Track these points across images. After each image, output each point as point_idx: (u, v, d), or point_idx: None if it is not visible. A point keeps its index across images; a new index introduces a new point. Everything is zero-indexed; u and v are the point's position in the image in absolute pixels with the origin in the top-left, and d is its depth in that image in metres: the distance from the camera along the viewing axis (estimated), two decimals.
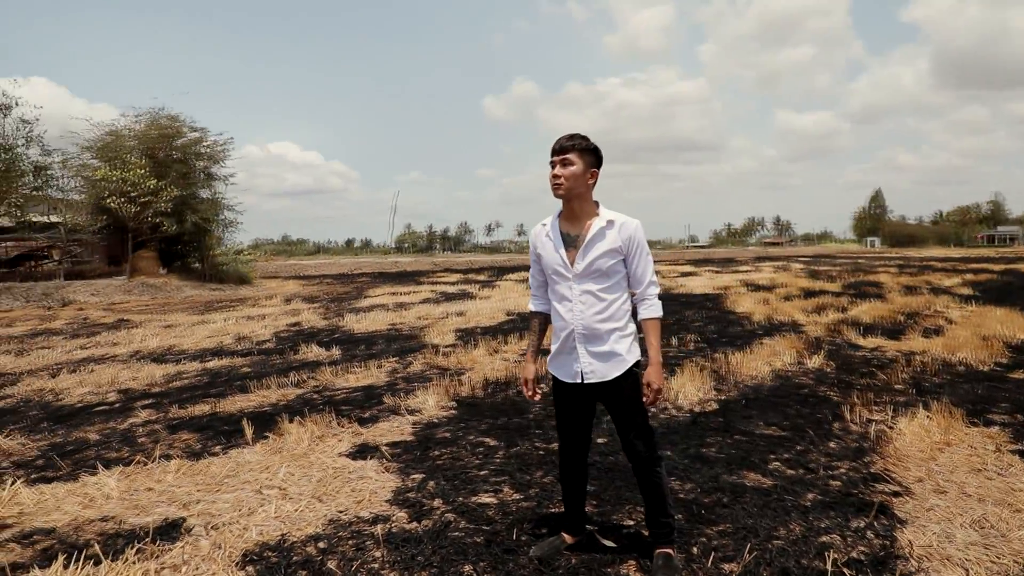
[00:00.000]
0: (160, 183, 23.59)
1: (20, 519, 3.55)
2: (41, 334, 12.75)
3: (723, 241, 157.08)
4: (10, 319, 15.90)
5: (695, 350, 8.74)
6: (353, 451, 4.60)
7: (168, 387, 7.26)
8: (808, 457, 4.28)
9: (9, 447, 4.94)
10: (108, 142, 24.80)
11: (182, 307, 19.14)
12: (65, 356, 9.67)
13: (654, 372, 2.71)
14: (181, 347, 10.46)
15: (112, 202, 22.54)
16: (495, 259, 75.70)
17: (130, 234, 24.17)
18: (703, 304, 15.18)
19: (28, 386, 7.41)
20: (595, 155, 2.75)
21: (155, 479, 4.12)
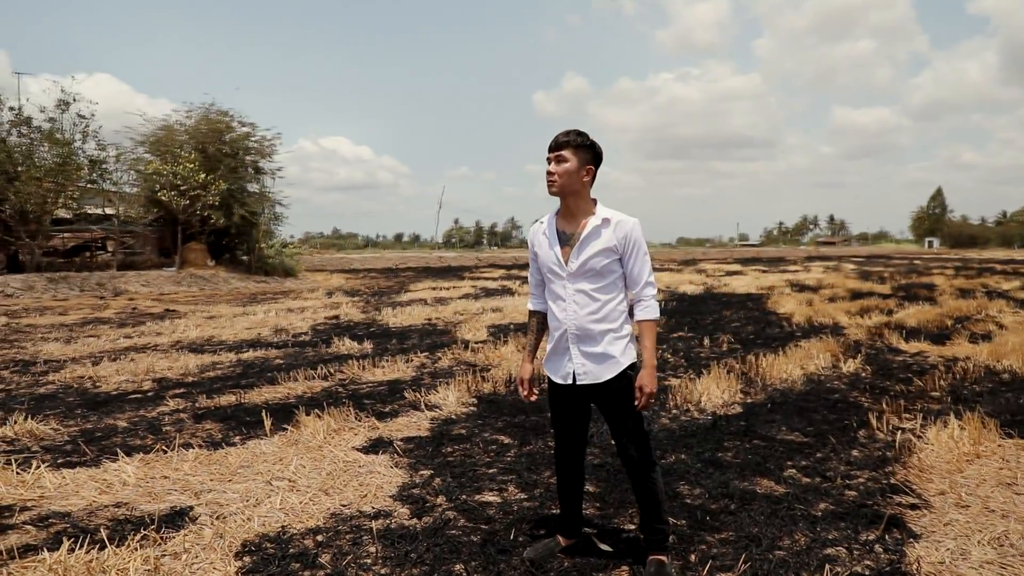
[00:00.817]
0: (209, 177, 24.19)
1: (40, 502, 3.68)
2: (91, 323, 13.18)
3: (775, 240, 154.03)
4: (65, 307, 16.49)
5: (728, 351, 8.57)
6: (367, 445, 4.64)
7: (201, 377, 7.43)
8: (827, 465, 4.16)
9: (42, 432, 5.11)
10: (161, 137, 25.54)
11: (227, 299, 19.59)
12: (109, 345, 9.98)
13: (647, 376, 2.65)
14: (220, 338, 10.70)
15: (163, 195, 23.22)
16: None
17: (180, 227, 24.85)
18: (744, 304, 14.90)
19: (71, 373, 7.66)
20: (591, 152, 2.69)
21: (172, 467, 4.21)
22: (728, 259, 54.46)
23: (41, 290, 19.21)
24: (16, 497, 3.75)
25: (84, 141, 22.40)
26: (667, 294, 17.98)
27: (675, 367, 7.54)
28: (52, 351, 9.38)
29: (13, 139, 21.30)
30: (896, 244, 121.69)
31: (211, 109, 26.72)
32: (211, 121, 26.37)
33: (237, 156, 26.80)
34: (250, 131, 27.54)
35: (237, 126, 27.18)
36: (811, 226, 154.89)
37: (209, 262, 26.43)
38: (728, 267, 36.77)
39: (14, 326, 12.71)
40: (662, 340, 9.57)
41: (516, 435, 4.91)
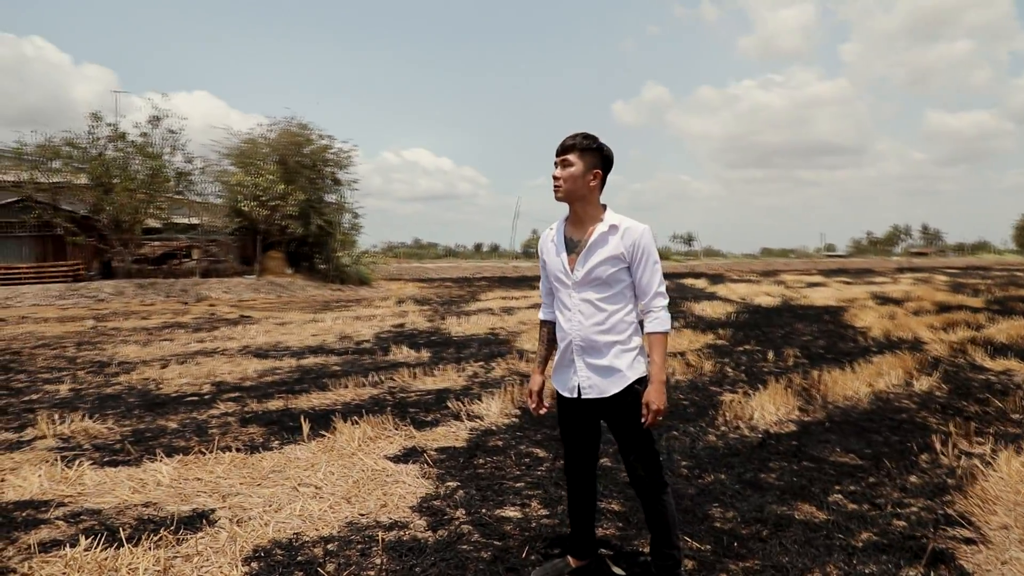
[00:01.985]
0: (288, 188, 25.02)
1: (76, 499, 3.79)
2: (171, 327, 13.76)
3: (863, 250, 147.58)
4: (149, 312, 17.32)
5: (793, 366, 8.18)
6: (399, 454, 4.61)
7: (259, 381, 7.60)
8: (878, 491, 3.85)
9: (96, 431, 5.31)
10: (245, 149, 26.61)
11: (301, 306, 20.16)
12: (181, 348, 10.38)
13: (654, 391, 2.49)
14: (286, 344, 10.96)
15: (244, 205, 24.16)
16: None
17: (260, 236, 25.79)
18: (819, 317, 14.26)
19: (139, 375, 7.98)
20: (598, 155, 2.56)
21: (207, 470, 4.29)
22: (811, 270, 52.50)
23: (131, 295, 20.25)
24: (56, 493, 3.88)
25: (172, 154, 23.60)
26: (740, 306, 17.42)
27: (733, 381, 7.23)
28: (128, 353, 9.81)
29: (110, 153, 22.64)
30: (997, 255, 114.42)
31: (291, 123, 27.72)
32: (291, 134, 27.31)
33: (315, 167, 27.65)
34: (328, 143, 28.40)
35: (316, 138, 28.07)
36: (903, 236, 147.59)
37: (287, 270, 27.30)
38: (810, 278, 35.41)
39: (101, 329, 13.41)
40: (725, 353, 9.23)
41: (552, 448, 4.79)
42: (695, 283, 31.22)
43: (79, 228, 22.14)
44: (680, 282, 32.90)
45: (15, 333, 12.57)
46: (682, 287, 28.09)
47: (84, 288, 20.20)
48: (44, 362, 9.13)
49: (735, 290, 24.37)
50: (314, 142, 28.06)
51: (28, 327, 13.64)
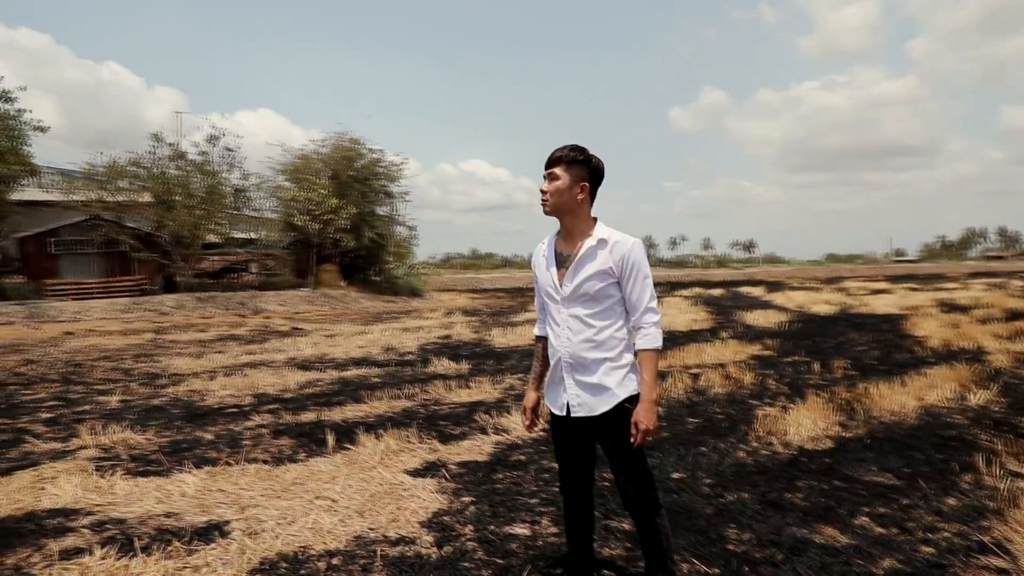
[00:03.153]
0: (340, 202, 25.57)
1: (104, 507, 3.92)
2: (225, 339, 14.18)
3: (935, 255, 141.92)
4: (207, 325, 17.89)
5: (841, 378, 7.89)
6: (419, 468, 4.62)
7: (298, 393, 7.74)
8: (910, 514, 3.67)
9: (136, 441, 5.50)
10: (299, 165, 27.32)
11: (352, 317, 20.52)
12: (231, 360, 10.67)
13: (643, 411, 2.43)
14: (331, 356, 11.16)
15: (298, 220, 24.77)
16: (672, 274, 74.00)
17: (315, 249, 26.40)
18: (877, 326, 13.75)
19: (186, 386, 8.24)
20: (586, 167, 2.52)
21: (232, 481, 4.38)
22: (877, 276, 50.83)
23: (191, 308, 20.96)
24: (88, 502, 4.02)
25: (230, 171, 24.42)
26: (795, 314, 16.96)
27: (774, 395, 7.02)
28: (180, 365, 10.14)
29: (171, 172, 23.57)
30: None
31: (343, 137, 28.34)
32: (343, 149, 27.92)
33: (366, 181, 28.17)
34: (378, 157, 28.93)
35: (367, 153, 28.62)
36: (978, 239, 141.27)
37: (341, 282, 27.84)
38: (875, 285, 34.27)
39: (159, 341, 13.93)
40: (771, 364, 8.98)
41: None
42: (751, 291, 30.55)
43: (143, 244, 23.09)
44: (736, 290, 32.26)
45: (80, 346, 13.15)
46: (737, 295, 27.53)
47: (148, 302, 21.02)
48: (102, 374, 9.51)
49: (792, 298, 23.75)
50: (365, 156, 28.62)
51: (93, 340, 14.25)
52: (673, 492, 4.04)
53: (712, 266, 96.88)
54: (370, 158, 28.85)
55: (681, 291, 32.62)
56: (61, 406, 7.14)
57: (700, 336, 12.37)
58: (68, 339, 14.44)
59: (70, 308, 19.55)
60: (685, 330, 13.94)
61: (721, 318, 16.73)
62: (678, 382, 7.45)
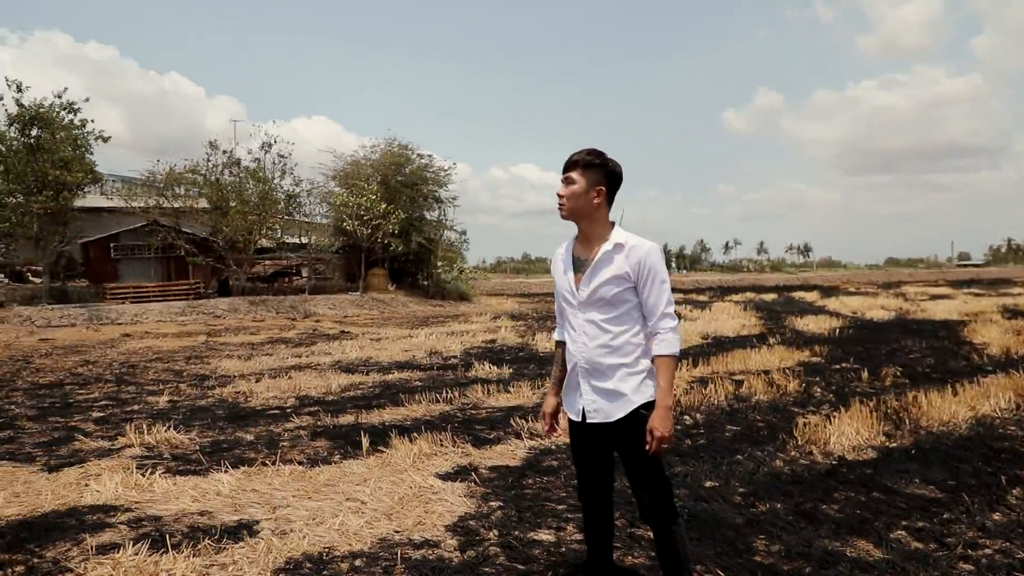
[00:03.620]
0: (389, 207, 25.93)
1: (141, 505, 4.04)
2: (274, 342, 14.48)
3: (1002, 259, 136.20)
4: (258, 328, 18.31)
5: (890, 386, 7.64)
6: (450, 472, 4.63)
7: (340, 396, 7.85)
8: (951, 528, 3.52)
9: (178, 440, 5.65)
10: (349, 171, 27.82)
11: (400, 321, 20.74)
12: (278, 363, 10.89)
13: (658, 417, 2.38)
14: (376, 359, 11.29)
15: (348, 225, 25.21)
16: (725, 278, 72.83)
17: (364, 253, 26.82)
18: (934, 332, 13.27)
19: (232, 388, 8.43)
20: (602, 171, 2.50)
21: (266, 481, 4.46)
22: (938, 281, 49.08)
23: (243, 311, 21.50)
24: (127, 499, 4.15)
25: (282, 178, 25.03)
26: (848, 320, 16.49)
27: (819, 402, 6.83)
28: (228, 367, 10.40)
29: (226, 178, 24.28)
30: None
31: (392, 143, 28.75)
32: (392, 154, 28.34)
33: (415, 186, 28.51)
34: (427, 162, 29.26)
35: (416, 158, 28.98)
36: None
37: (390, 286, 28.21)
38: (935, 290, 33.12)
39: (211, 343, 14.31)
40: (818, 371, 8.75)
41: None
42: (805, 296, 29.83)
43: (198, 249, 23.83)
44: (789, 295, 31.55)
45: (136, 348, 13.61)
46: (789, 300, 26.93)
47: (202, 305, 21.64)
48: (154, 375, 9.82)
49: (847, 303, 23.11)
50: (414, 161, 28.98)
51: (148, 342, 14.73)
52: (703, 500, 3.96)
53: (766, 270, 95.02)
54: (419, 163, 29.23)
55: (732, 296, 32.05)
56: (112, 405, 7.39)
57: (747, 342, 12.13)
58: (125, 341, 14.96)
59: (129, 311, 20.26)
60: (733, 335, 13.69)
61: (771, 323, 16.38)
62: (719, 388, 7.31)
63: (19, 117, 20.87)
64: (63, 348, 13.71)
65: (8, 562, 3.27)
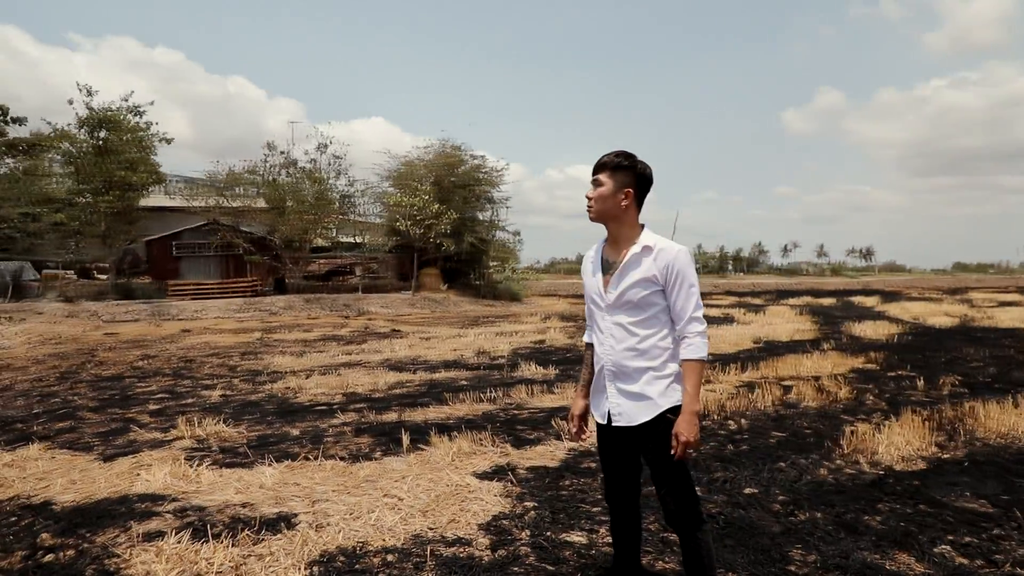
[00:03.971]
0: (442, 207, 26.20)
1: (187, 495, 4.18)
2: (327, 339, 14.77)
3: None
4: (312, 325, 18.70)
5: (947, 395, 7.36)
6: (488, 471, 4.66)
7: (387, 394, 7.96)
8: (999, 545, 3.38)
9: (227, 434, 5.82)
10: (403, 171, 28.21)
11: (451, 321, 20.90)
12: (329, 360, 11.11)
13: (684, 422, 2.36)
14: (425, 358, 11.41)
15: (401, 224, 25.57)
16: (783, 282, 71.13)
17: (416, 253, 27.14)
18: (998, 341, 12.73)
19: (283, 384, 8.64)
20: (631, 174, 2.48)
21: (308, 475, 4.57)
22: (1009, 287, 47.07)
23: (299, 309, 21.99)
24: (175, 489, 4.30)
25: (337, 178, 25.55)
26: (908, 326, 15.96)
27: (871, 411, 6.62)
28: (281, 363, 10.65)
29: (282, 179, 24.90)
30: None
31: (446, 144, 29.05)
32: (445, 155, 28.63)
33: (468, 187, 28.74)
34: (480, 163, 29.47)
35: (468, 159, 29.22)
36: None
37: (442, 286, 28.48)
38: (1004, 296, 31.79)
39: (266, 340, 14.67)
40: (872, 378, 8.49)
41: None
42: (864, 301, 28.98)
43: (256, 248, 24.51)
44: (848, 299, 30.70)
45: (195, 343, 14.06)
46: (848, 305, 26.20)
47: (260, 302, 22.23)
48: (209, 370, 10.13)
49: (909, 309, 22.37)
50: (467, 162, 29.22)
51: (207, 337, 15.20)
52: (740, 507, 3.89)
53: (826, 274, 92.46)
54: (472, 164, 29.47)
55: (788, 300, 31.38)
56: (168, 398, 7.66)
57: (800, 347, 11.84)
58: (184, 336, 15.48)
59: (190, 307, 20.96)
60: (786, 340, 13.39)
61: (827, 329, 15.95)
62: (767, 394, 7.16)
63: (88, 120, 21.83)
64: (126, 342, 14.26)
65: (60, 546, 3.43)
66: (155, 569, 3.10)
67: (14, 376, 9.59)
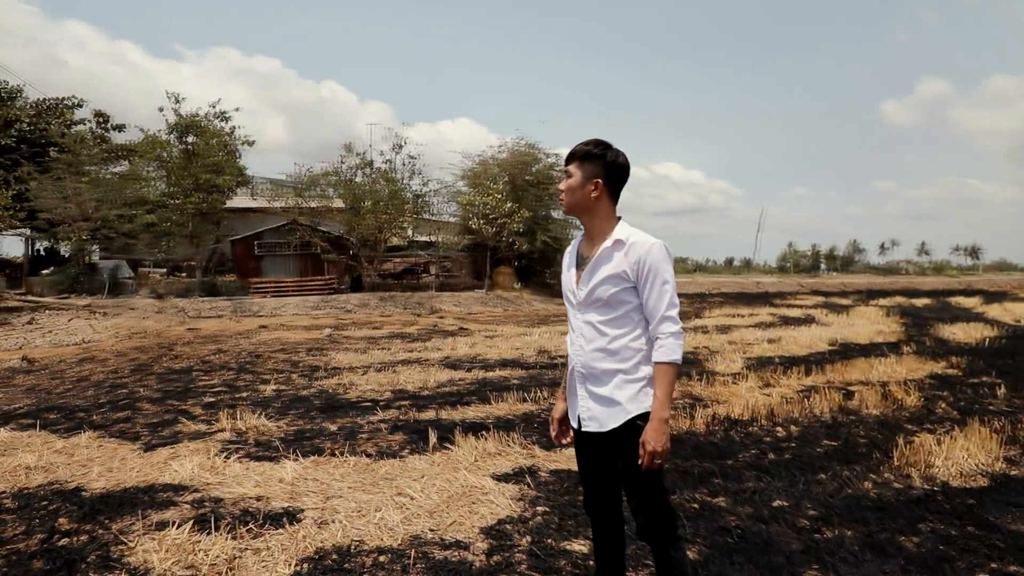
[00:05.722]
0: (515, 206, 26.22)
1: (209, 487, 4.27)
2: (394, 337, 14.98)
3: None
4: (384, 322, 19.05)
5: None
6: (509, 473, 4.56)
7: (435, 392, 7.97)
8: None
9: (266, 428, 5.94)
10: (477, 171, 28.41)
11: (520, 319, 20.87)
12: (389, 357, 11.24)
13: (651, 430, 2.19)
14: (484, 356, 11.39)
15: (474, 223, 25.74)
16: (877, 281, 67.74)
17: (490, 252, 27.26)
18: None
19: (338, 379, 8.78)
20: (600, 162, 2.32)
21: (328, 472, 4.59)
22: None
23: (373, 307, 22.46)
24: (199, 480, 4.40)
25: (411, 178, 25.97)
26: (1006, 329, 14.85)
27: (939, 419, 6.15)
28: (342, 360, 10.85)
29: (359, 179, 25.52)
30: None
31: (520, 143, 29.06)
32: (519, 154, 28.63)
33: (542, 185, 28.65)
34: (554, 161, 29.31)
35: (542, 157, 29.11)
36: None
37: (516, 285, 28.51)
38: None
39: (335, 337, 15.02)
40: (949, 384, 7.90)
41: (674, 480, 4.41)
42: (963, 302, 27.21)
43: (333, 247, 25.23)
44: (945, 300, 28.92)
45: (267, 339, 14.54)
46: (944, 306, 24.67)
47: (335, 300, 22.84)
48: (273, 365, 10.43)
49: (1011, 310, 20.84)
50: (541, 160, 29.14)
51: (279, 333, 15.70)
52: (762, 521, 3.65)
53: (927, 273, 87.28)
54: (545, 162, 29.37)
55: (879, 300, 29.83)
56: (225, 392, 7.91)
57: (877, 350, 11.19)
58: (259, 332, 16.04)
59: (270, 304, 21.75)
60: (864, 343, 12.68)
61: (913, 330, 15.03)
62: (824, 399, 6.76)
63: (177, 126, 23.02)
64: (204, 337, 14.90)
65: (76, 531, 3.55)
66: (152, 558, 3.16)
67: (94, 368, 10.15)
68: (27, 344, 12.61)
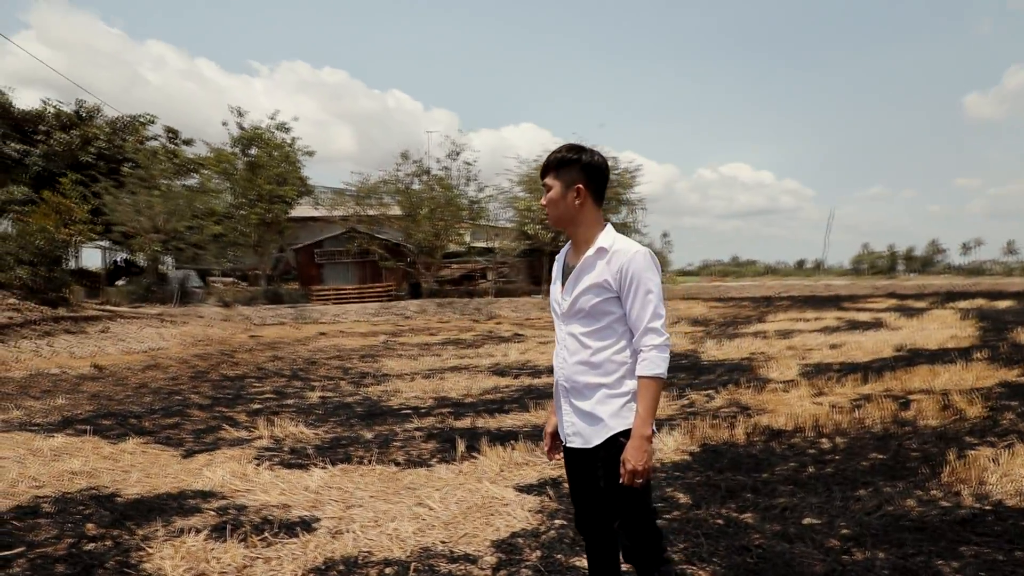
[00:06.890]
0: None
1: (237, 494, 4.35)
2: (448, 343, 15.09)
3: None
4: (440, 328, 19.21)
5: None
6: (532, 484, 4.49)
7: (477, 399, 7.96)
8: None
9: (304, 435, 6.03)
10: (533, 175, 28.38)
11: None
12: (439, 363, 11.31)
13: (632, 447, 2.09)
14: (534, 363, 11.33)
15: (530, 228, 25.74)
16: (957, 282, 64.57)
17: (547, 256, 27.21)
18: None
19: (384, 387, 8.89)
20: (576, 167, 2.24)
21: (354, 480, 4.62)
22: None
23: (431, 313, 22.68)
24: (229, 487, 4.49)
25: (467, 184, 26.18)
26: None
27: (1004, 432, 5.76)
28: (392, 366, 10.98)
29: (415, 186, 25.88)
30: None
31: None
32: None
33: None
34: (611, 164, 29.04)
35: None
36: None
37: None
38: None
39: (390, 343, 15.23)
40: (1018, 394, 7.41)
41: (701, 494, 4.27)
42: None
43: (391, 254, 25.63)
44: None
45: (324, 345, 14.85)
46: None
47: (394, 306, 23.18)
48: (325, 371, 10.62)
49: None
50: None
51: (337, 340, 16.02)
52: (787, 540, 3.47)
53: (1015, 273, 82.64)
54: None
55: (957, 302, 28.34)
56: (273, 399, 8.08)
57: (945, 356, 10.61)
58: (318, 339, 16.40)
59: (330, 311, 22.23)
60: (934, 348, 12.05)
61: (990, 335, 14.20)
62: (878, 409, 6.44)
63: (240, 139, 23.85)
64: (264, 344, 15.32)
65: (103, 536, 3.66)
66: (166, 565, 3.23)
67: (155, 375, 10.54)
68: (99, 352, 13.21)
